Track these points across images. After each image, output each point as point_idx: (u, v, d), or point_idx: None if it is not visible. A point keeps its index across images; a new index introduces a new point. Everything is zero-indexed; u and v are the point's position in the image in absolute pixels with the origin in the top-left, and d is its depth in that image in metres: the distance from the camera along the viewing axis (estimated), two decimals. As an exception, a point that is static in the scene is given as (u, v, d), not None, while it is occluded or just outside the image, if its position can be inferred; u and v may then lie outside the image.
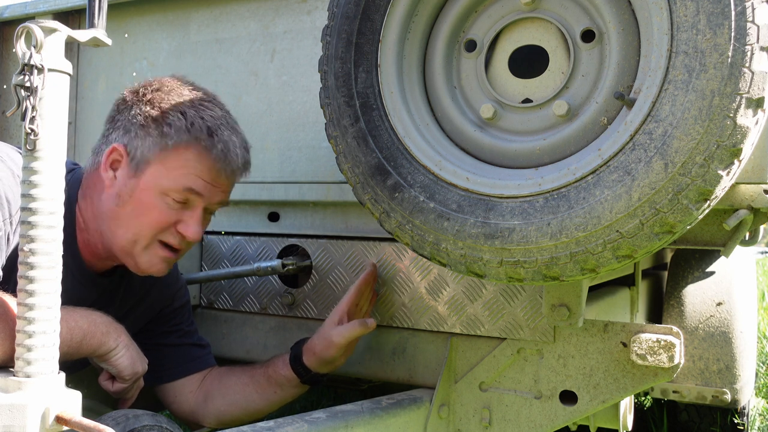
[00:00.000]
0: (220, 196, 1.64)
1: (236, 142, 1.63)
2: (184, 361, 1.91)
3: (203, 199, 1.60)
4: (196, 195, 1.58)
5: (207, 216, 1.67)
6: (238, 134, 1.66)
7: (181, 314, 1.95)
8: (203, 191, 1.59)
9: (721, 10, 1.15)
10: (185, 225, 1.59)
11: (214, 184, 1.60)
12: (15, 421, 1.10)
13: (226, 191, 1.66)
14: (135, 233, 1.57)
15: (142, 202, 1.56)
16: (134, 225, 1.57)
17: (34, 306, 1.13)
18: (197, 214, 1.60)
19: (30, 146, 1.12)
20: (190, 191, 1.57)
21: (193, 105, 1.61)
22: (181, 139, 1.56)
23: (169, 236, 1.60)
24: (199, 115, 1.59)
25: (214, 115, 1.62)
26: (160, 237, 1.59)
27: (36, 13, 2.44)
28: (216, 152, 1.58)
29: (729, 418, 3.03)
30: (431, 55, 1.52)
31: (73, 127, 2.47)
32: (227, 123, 1.64)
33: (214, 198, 1.62)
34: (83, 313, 1.49)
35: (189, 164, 1.57)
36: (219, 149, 1.58)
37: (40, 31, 1.10)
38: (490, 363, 1.80)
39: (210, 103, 1.65)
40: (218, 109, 1.65)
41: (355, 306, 1.86)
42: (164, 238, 1.59)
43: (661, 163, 1.18)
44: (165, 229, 1.59)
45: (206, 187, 1.59)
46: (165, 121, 1.56)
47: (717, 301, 2.75)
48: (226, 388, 1.89)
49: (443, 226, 1.35)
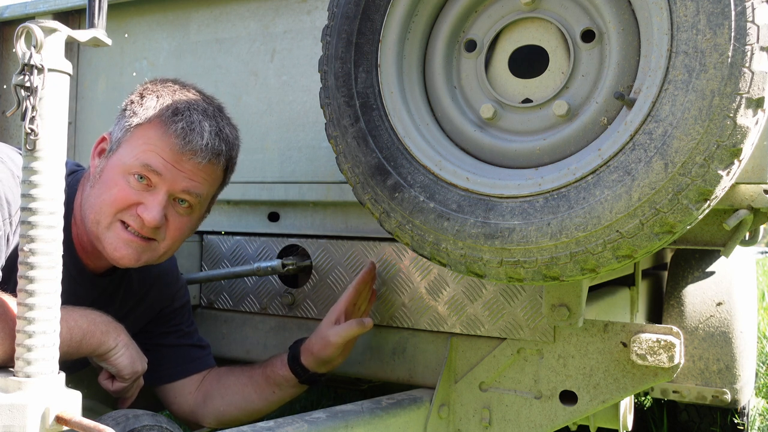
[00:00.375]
0: (186, 183, 1.57)
1: (205, 126, 1.57)
2: (183, 361, 1.91)
3: (164, 181, 1.55)
4: (156, 175, 1.54)
5: (176, 206, 1.60)
6: (214, 121, 1.60)
7: (180, 315, 1.95)
8: (163, 171, 1.54)
9: (721, 10, 1.15)
10: (144, 207, 1.54)
11: (175, 166, 1.55)
12: (15, 421, 1.10)
13: (193, 178, 1.58)
14: (97, 212, 1.55)
15: (107, 180, 1.56)
16: (97, 204, 1.56)
17: (34, 306, 1.13)
18: (158, 198, 1.55)
19: (30, 146, 1.12)
20: (149, 169, 1.53)
21: (174, 92, 1.61)
22: (147, 116, 1.56)
23: (129, 217, 1.55)
24: (173, 98, 1.58)
25: (191, 102, 1.59)
26: (120, 216, 1.55)
27: (36, 13, 2.44)
28: (175, 129, 1.53)
29: (729, 418, 3.03)
30: (431, 55, 1.51)
31: (73, 127, 2.47)
32: (204, 110, 1.60)
33: (178, 182, 1.56)
34: (83, 312, 1.49)
35: (150, 141, 1.54)
36: (179, 126, 1.54)
37: (40, 31, 1.10)
38: (490, 363, 1.80)
39: (198, 95, 1.65)
40: (203, 102, 1.63)
41: (353, 306, 1.86)
42: (124, 218, 1.55)
43: (661, 163, 1.18)
44: (125, 208, 1.54)
45: (166, 167, 1.54)
46: (141, 103, 1.58)
47: (717, 301, 2.74)
48: (225, 388, 1.89)
49: (443, 226, 1.35)
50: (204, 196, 1.63)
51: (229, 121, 1.68)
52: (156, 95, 1.59)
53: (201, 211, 1.68)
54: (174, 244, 1.64)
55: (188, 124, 1.54)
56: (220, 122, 1.62)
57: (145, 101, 1.58)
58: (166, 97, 1.59)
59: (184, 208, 1.61)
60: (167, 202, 1.57)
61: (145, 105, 1.57)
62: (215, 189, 1.69)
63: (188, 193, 1.58)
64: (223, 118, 1.66)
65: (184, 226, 1.63)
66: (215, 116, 1.62)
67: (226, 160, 1.65)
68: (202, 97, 1.66)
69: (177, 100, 1.58)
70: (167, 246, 1.63)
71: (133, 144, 1.56)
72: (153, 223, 1.54)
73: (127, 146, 1.56)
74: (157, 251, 1.62)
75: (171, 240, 1.62)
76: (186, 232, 1.65)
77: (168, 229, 1.60)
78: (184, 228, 1.64)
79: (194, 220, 1.67)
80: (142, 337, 1.78)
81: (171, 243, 1.63)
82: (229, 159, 1.66)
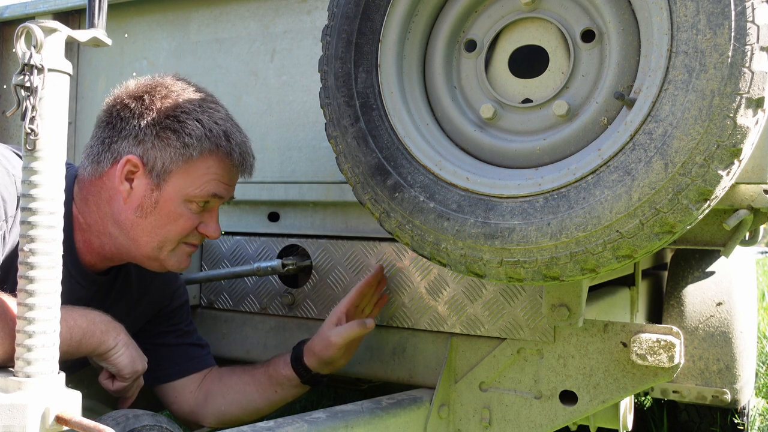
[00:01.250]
0: (232, 191, 1.71)
1: (246, 143, 1.70)
2: (182, 360, 1.91)
3: (223, 200, 1.68)
4: (218, 198, 1.65)
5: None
6: (243, 132, 1.71)
7: (179, 314, 1.95)
8: (225, 194, 1.66)
9: (721, 10, 1.15)
10: (206, 226, 1.65)
11: (231, 185, 1.68)
12: (15, 421, 1.10)
13: (235, 186, 1.73)
14: (161, 240, 1.61)
15: (167, 211, 1.60)
16: (160, 234, 1.61)
17: (34, 306, 1.13)
18: (216, 214, 1.68)
19: (30, 146, 1.12)
20: (214, 196, 1.63)
21: (203, 110, 1.63)
22: (204, 147, 1.59)
23: (192, 238, 1.66)
24: (213, 120, 1.62)
25: (224, 118, 1.66)
26: (184, 239, 1.65)
27: (36, 13, 2.44)
28: (236, 156, 1.64)
29: (729, 418, 3.03)
30: (431, 55, 1.51)
31: (73, 127, 2.47)
32: (234, 123, 1.69)
33: (229, 196, 1.70)
34: (82, 312, 1.49)
35: (211, 171, 1.61)
36: (237, 153, 1.64)
37: (40, 31, 1.10)
38: (490, 363, 1.80)
39: (214, 104, 1.68)
40: (222, 109, 1.69)
41: (355, 307, 1.86)
42: (188, 240, 1.65)
43: (661, 163, 1.18)
44: (190, 233, 1.64)
45: (227, 190, 1.67)
46: (184, 131, 1.57)
47: (717, 301, 2.74)
48: (226, 387, 1.89)
49: (443, 226, 1.35)
50: None
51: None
52: (194, 119, 1.58)
53: None
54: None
55: (241, 148, 1.66)
56: (240, 128, 1.71)
57: (185, 128, 1.57)
58: (206, 120, 1.60)
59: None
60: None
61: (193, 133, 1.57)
62: None
63: (231, 198, 1.73)
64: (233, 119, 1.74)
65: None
66: (237, 124, 1.71)
67: None
68: (218, 102, 1.70)
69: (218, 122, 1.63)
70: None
71: (193, 175, 1.60)
72: (217, 237, 1.69)
73: (185, 176, 1.59)
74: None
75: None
76: None
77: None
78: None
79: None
80: (142, 336, 1.78)
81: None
82: None
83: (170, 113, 1.58)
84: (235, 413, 1.87)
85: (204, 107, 1.62)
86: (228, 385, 1.89)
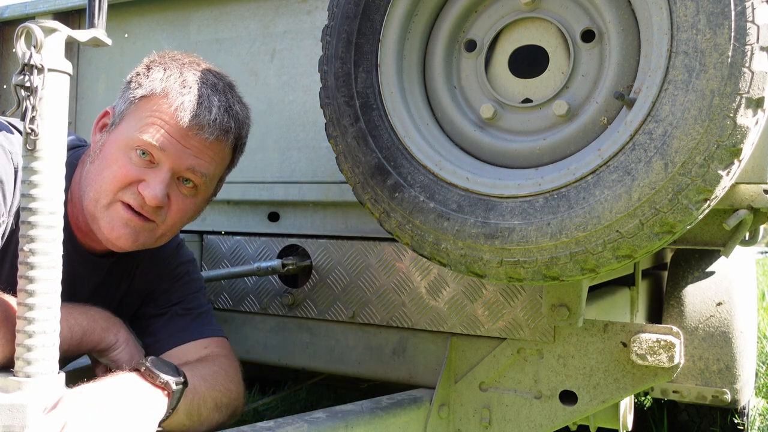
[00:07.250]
0: (191, 160, 1.48)
1: (214, 101, 1.48)
2: (176, 331, 1.72)
3: (168, 157, 1.45)
4: (159, 150, 1.44)
5: (181, 186, 1.51)
6: (224, 96, 1.51)
7: (178, 292, 1.77)
8: (167, 146, 1.44)
9: (721, 10, 1.15)
10: (145, 184, 1.45)
11: (181, 141, 1.46)
12: (15, 421, 1.10)
13: (199, 156, 1.49)
14: (97, 190, 1.46)
15: (107, 156, 1.47)
16: (97, 181, 1.47)
17: (34, 306, 1.13)
18: (161, 175, 1.46)
19: (30, 146, 1.12)
20: (152, 144, 1.44)
21: (183, 65, 1.52)
22: (152, 88, 1.47)
23: (130, 195, 1.45)
24: (182, 71, 1.50)
25: (201, 75, 1.50)
26: (121, 196, 1.46)
27: (36, 13, 2.45)
28: (182, 101, 1.45)
29: (729, 418, 3.03)
30: (431, 55, 1.52)
31: (73, 127, 2.47)
32: (214, 85, 1.51)
33: (183, 159, 1.47)
34: (82, 309, 1.49)
35: (154, 114, 1.45)
36: (186, 99, 1.45)
37: (40, 31, 1.10)
38: (490, 363, 1.80)
39: (208, 70, 1.55)
40: (213, 77, 1.53)
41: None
42: (125, 197, 1.46)
43: (661, 163, 1.18)
44: (126, 185, 1.45)
45: (171, 142, 1.45)
46: (147, 75, 1.50)
47: (717, 301, 2.74)
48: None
49: (443, 226, 1.35)
50: (210, 176, 1.54)
51: (240, 98, 1.59)
52: (163, 67, 1.51)
53: (207, 193, 1.59)
54: (174, 227, 1.55)
55: (196, 98, 1.46)
56: (230, 98, 1.53)
57: (151, 73, 1.50)
58: (174, 70, 1.50)
59: (188, 188, 1.52)
60: (171, 181, 1.48)
61: (152, 77, 1.49)
62: (222, 169, 1.59)
63: (193, 171, 1.49)
64: (233, 94, 1.57)
65: (188, 208, 1.54)
66: (225, 92, 1.53)
67: (235, 139, 1.55)
68: (213, 71, 1.57)
69: (186, 73, 1.49)
70: (166, 228, 1.53)
71: (136, 117, 1.46)
72: (154, 202, 1.44)
73: (130, 119, 1.47)
74: (154, 233, 1.52)
75: (171, 222, 1.52)
76: (189, 214, 1.56)
77: (170, 210, 1.50)
78: (187, 210, 1.54)
79: (199, 203, 1.57)
80: (138, 322, 1.72)
81: (171, 226, 1.53)
82: (238, 138, 1.57)
83: (151, 66, 1.53)
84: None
85: (187, 64, 1.53)
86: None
